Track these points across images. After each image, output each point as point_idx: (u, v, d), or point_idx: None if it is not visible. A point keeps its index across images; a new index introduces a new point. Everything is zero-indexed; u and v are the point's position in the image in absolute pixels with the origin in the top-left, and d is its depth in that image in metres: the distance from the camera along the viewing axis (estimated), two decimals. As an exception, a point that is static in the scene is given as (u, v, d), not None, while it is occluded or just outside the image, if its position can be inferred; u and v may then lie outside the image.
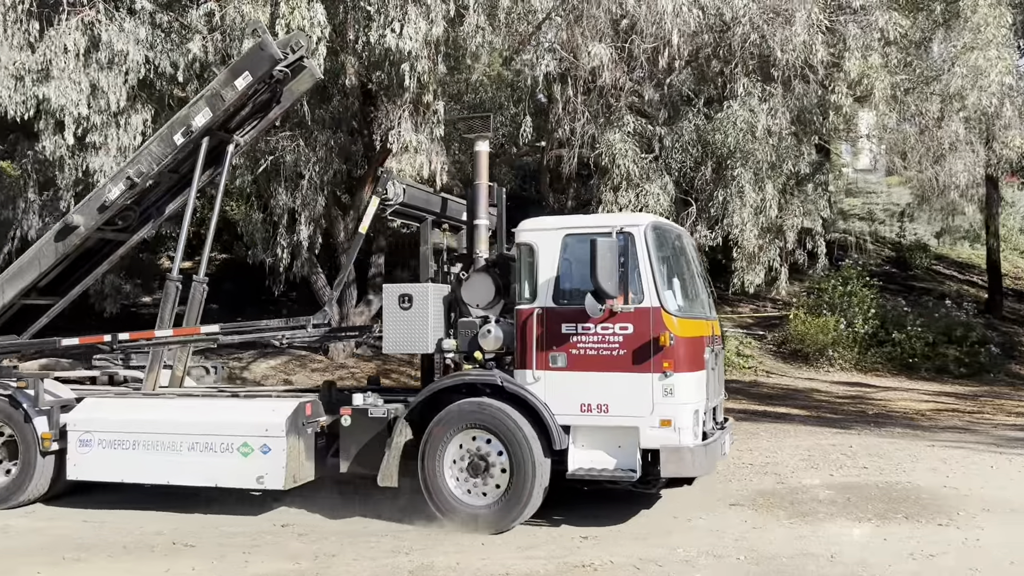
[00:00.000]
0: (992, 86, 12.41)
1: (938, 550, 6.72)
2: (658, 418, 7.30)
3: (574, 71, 12.83)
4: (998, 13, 12.21)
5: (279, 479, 7.87)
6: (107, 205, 8.94)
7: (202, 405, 8.77)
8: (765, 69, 12.59)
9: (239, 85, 8.73)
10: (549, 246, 7.72)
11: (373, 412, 7.98)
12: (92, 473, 8.44)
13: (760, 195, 13.27)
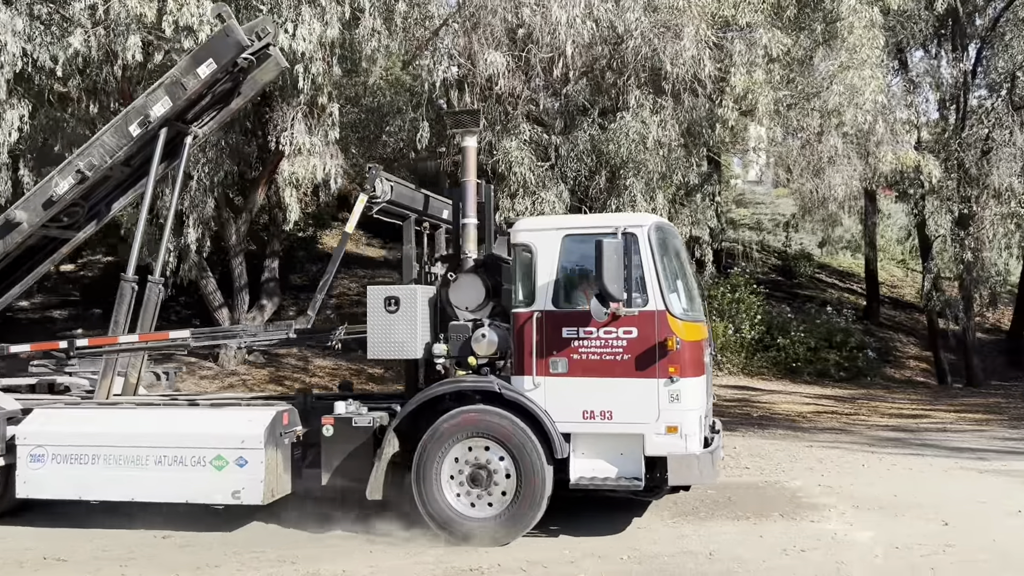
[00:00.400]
0: (867, 104, 13.07)
1: (809, 545, 7.04)
2: (664, 425, 7.06)
3: (471, 78, 12.90)
4: (872, 35, 12.88)
5: (257, 494, 7.37)
6: (54, 200, 8.33)
7: (169, 415, 8.12)
8: (657, 82, 12.92)
9: (202, 73, 8.22)
10: (548, 247, 7.39)
11: (358, 421, 7.51)
12: (45, 490, 7.76)
13: (651, 204, 13.61)
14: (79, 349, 8.55)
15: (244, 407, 8.16)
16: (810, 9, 13.41)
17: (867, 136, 14.12)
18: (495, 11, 11.96)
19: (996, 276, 22.08)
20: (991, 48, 21.02)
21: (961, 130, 20.14)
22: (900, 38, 19.77)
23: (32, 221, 8.38)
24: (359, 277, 22.04)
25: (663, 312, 7.09)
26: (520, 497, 7.07)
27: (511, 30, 12.44)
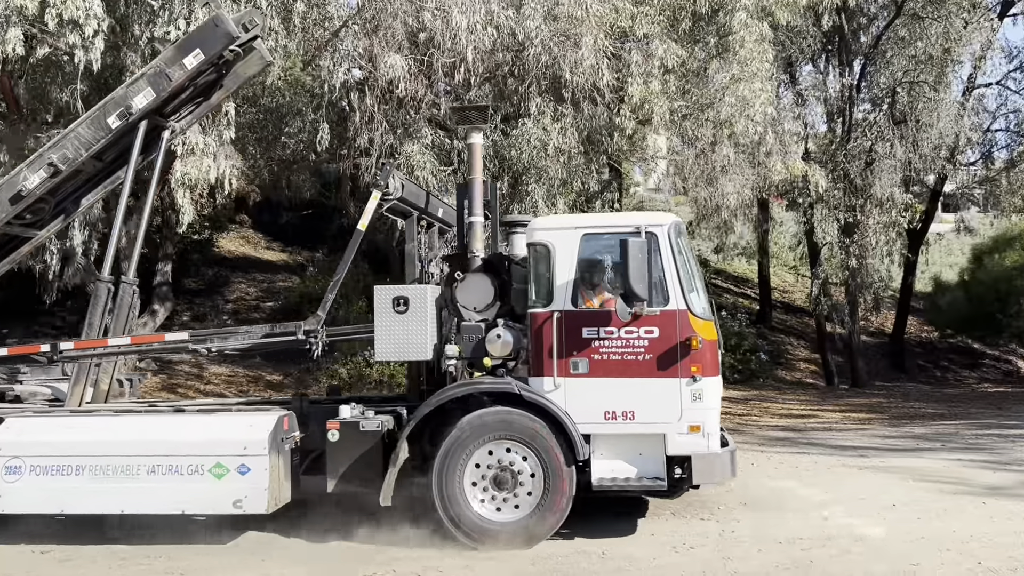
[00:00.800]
0: (757, 115, 13.57)
1: (698, 543, 7.27)
2: (687, 424, 7.07)
3: (373, 80, 12.81)
4: (762, 49, 13.37)
5: (261, 502, 7.04)
6: (23, 195, 7.83)
7: (162, 422, 7.71)
8: (558, 90, 13.09)
9: (188, 64, 7.85)
10: (566, 246, 7.31)
11: (365, 425, 7.30)
12: (23, 504, 7.24)
13: (553, 211, 13.77)
14: (64, 352, 7.95)
15: (245, 412, 7.83)
16: (704, 23, 13.83)
17: (758, 146, 14.64)
18: (396, 14, 11.93)
19: (879, 282, 23.15)
20: (874, 64, 22.11)
21: (846, 142, 21.08)
22: (789, 53, 20.60)
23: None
24: (257, 281, 21.57)
25: (684, 312, 7.14)
26: (547, 498, 7.03)
27: (412, 34, 12.41)
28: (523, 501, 7.11)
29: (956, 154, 22.78)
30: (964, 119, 21.74)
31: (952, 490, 9.26)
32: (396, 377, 16.77)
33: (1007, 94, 24.90)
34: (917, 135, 20.47)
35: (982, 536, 7.31)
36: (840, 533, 7.48)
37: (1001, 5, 23.31)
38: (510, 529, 7.06)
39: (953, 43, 20.15)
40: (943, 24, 19.92)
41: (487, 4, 11.64)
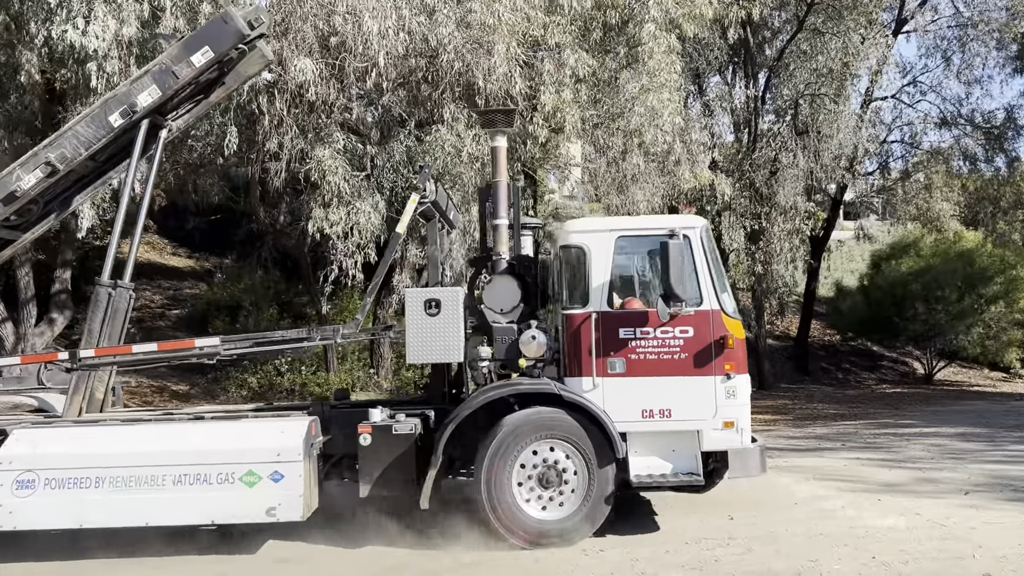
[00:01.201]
0: (666, 125, 13.86)
1: (608, 545, 7.38)
2: (721, 420, 7.35)
3: (283, 84, 12.59)
4: (671, 60, 13.68)
5: (296, 510, 6.93)
6: (17, 195, 7.51)
7: (186, 431, 7.46)
8: (471, 96, 13.11)
9: (196, 61, 7.67)
10: (602, 248, 7.48)
11: (398, 429, 7.34)
12: (37, 520, 6.92)
13: (467, 217, 13.80)
14: (83, 360, 7.60)
15: (275, 418, 7.66)
16: (614, 33, 14.08)
17: (667, 155, 14.97)
18: (306, 18, 11.78)
19: (784, 287, 23.89)
20: (778, 77, 22.88)
21: (752, 152, 21.72)
22: (697, 64, 21.15)
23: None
24: (163, 289, 20.93)
25: (718, 311, 7.43)
26: (591, 496, 7.22)
27: (323, 38, 12.26)
28: (567, 499, 7.29)
29: (855, 164, 23.72)
30: (862, 131, 22.67)
31: (850, 487, 9.64)
32: (308, 386, 16.52)
33: (901, 107, 26.14)
34: (819, 145, 21.26)
35: (876, 531, 7.64)
36: (743, 532, 7.70)
37: (896, 23, 24.41)
38: (556, 527, 7.24)
39: (852, 58, 21.03)
40: (842, 39, 20.77)
41: (399, 10, 11.59)
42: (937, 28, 25.31)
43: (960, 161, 25.98)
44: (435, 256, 8.29)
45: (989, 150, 25.45)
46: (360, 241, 13.22)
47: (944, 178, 25.50)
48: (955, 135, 25.74)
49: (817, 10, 21.26)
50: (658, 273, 7.42)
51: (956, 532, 7.56)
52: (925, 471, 10.61)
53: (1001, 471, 10.47)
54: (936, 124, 25.87)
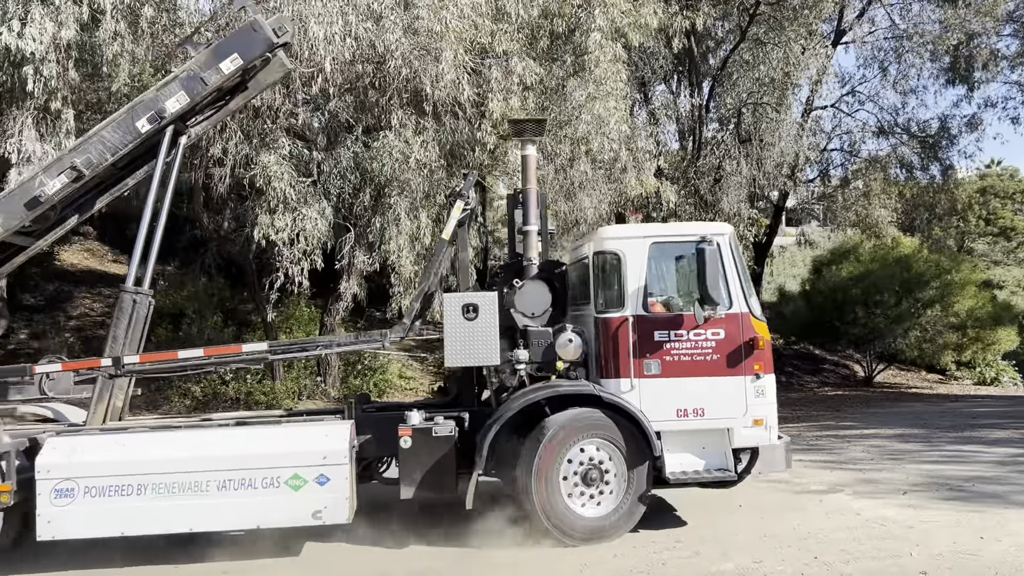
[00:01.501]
0: (613, 133, 14.00)
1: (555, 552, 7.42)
2: (751, 418, 7.73)
3: (227, 89, 12.42)
4: (617, 69, 13.82)
5: (342, 512, 7.06)
6: (41, 200, 7.46)
7: (230, 436, 7.45)
8: (419, 103, 13.10)
9: (225, 68, 7.79)
10: (636, 254, 7.83)
11: (438, 431, 7.54)
12: (77, 529, 6.83)
13: (416, 223, 13.76)
14: (127, 366, 7.61)
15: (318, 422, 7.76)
16: (561, 42, 14.18)
17: (614, 163, 15.11)
18: (251, 23, 11.62)
19: (728, 293, 24.18)
20: (721, 86, 23.24)
21: (696, 159, 22.03)
22: (643, 73, 21.37)
23: (8, 225, 7.47)
24: (103, 296, 20.45)
25: (747, 314, 7.85)
26: (630, 493, 7.57)
27: (269, 43, 12.11)
28: (607, 497, 7.60)
29: (796, 172, 24.22)
30: (803, 139, 23.16)
31: (793, 489, 9.83)
32: (254, 395, 16.27)
33: (841, 116, 26.74)
34: (761, 153, 21.66)
35: (819, 532, 7.81)
36: (690, 535, 7.81)
37: (835, 34, 25.01)
38: (599, 524, 7.53)
39: (792, 67, 21.46)
40: (783, 49, 21.20)
41: (345, 16, 11.52)
42: (874, 40, 26.01)
43: (897, 169, 26.67)
44: (465, 261, 8.45)
45: (924, 158, 26.18)
46: (307, 248, 13.09)
47: (882, 185, 26.16)
48: (892, 144, 26.43)
49: (759, 21, 21.66)
50: (688, 277, 7.86)
51: (895, 531, 7.76)
52: (865, 472, 10.87)
53: (937, 471, 10.78)
54: (874, 133, 26.54)
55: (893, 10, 25.48)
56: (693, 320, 7.73)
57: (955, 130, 26.15)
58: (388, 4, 11.85)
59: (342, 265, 14.81)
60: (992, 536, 7.50)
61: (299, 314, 19.46)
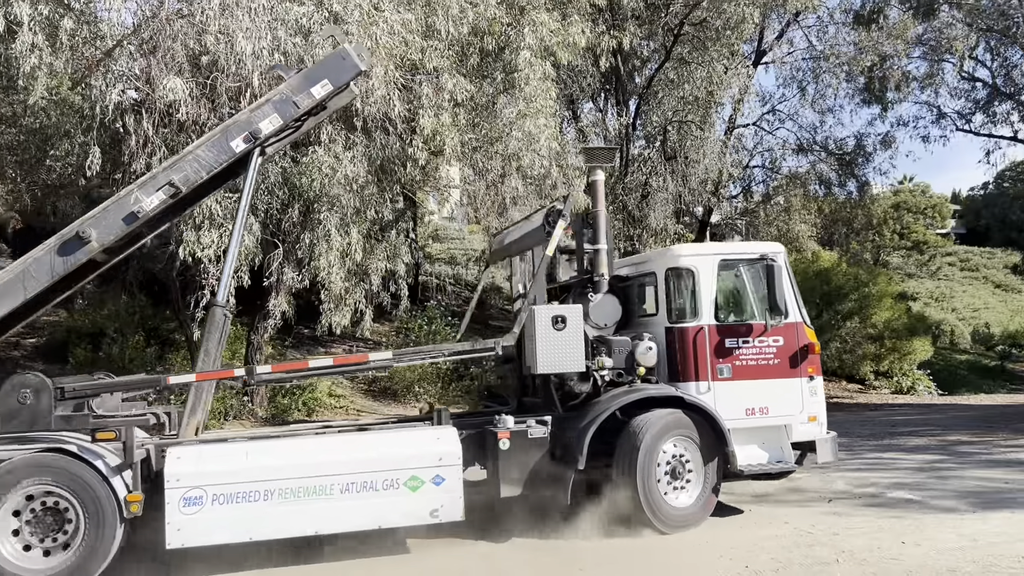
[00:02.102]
0: (543, 150, 14.12)
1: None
2: (807, 415, 8.77)
3: (151, 103, 12.14)
4: (546, 87, 13.97)
5: (457, 510, 7.53)
6: (139, 215, 7.70)
7: (348, 441, 7.96)
8: (349, 118, 13.01)
9: (316, 93, 8.21)
10: (708, 270, 8.78)
11: (532, 433, 8.22)
12: (206, 536, 7.02)
13: (346, 239, 13.65)
14: (260, 376, 7.99)
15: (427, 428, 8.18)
16: (491, 59, 14.27)
17: (544, 179, 15.22)
18: (176, 36, 11.40)
19: (656, 306, 24.58)
20: (647, 104, 23.71)
21: (624, 176, 22.39)
22: (571, 91, 21.70)
23: (103, 240, 7.66)
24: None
25: (801, 323, 8.93)
26: (707, 485, 8.43)
27: (194, 57, 11.88)
28: (690, 489, 8.40)
29: (720, 188, 24.85)
30: (726, 156, 23.80)
31: (722, 499, 9.99)
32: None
33: (762, 134, 27.58)
34: (686, 170, 22.16)
35: (749, 541, 7.98)
36: (626, 544, 7.89)
37: (755, 54, 25.79)
38: (685, 513, 8.32)
39: (716, 87, 22.05)
40: (707, 69, 21.76)
41: (273, 31, 11.38)
42: (793, 60, 26.91)
43: (816, 185, 27.58)
44: (542, 278, 8.97)
45: (842, 175, 27.15)
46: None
47: (802, 201, 27.02)
48: (811, 161, 27.33)
49: (683, 41, 22.19)
50: (748, 290, 8.87)
51: (821, 539, 7.99)
52: (792, 480, 11.11)
53: (860, 478, 11.14)
54: (794, 150, 27.42)
55: (810, 32, 26.44)
56: (758, 328, 8.77)
57: (870, 148, 27.22)
58: (317, 20, 11.75)
59: (270, 282, 14.57)
60: (912, 541, 7.79)
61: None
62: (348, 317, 14.62)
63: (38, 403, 7.22)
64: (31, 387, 7.25)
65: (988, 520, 8.47)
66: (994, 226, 36.57)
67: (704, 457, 8.43)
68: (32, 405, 7.21)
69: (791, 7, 22.47)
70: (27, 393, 7.21)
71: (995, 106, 31.20)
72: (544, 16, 14.08)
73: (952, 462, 12.29)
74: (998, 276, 51.73)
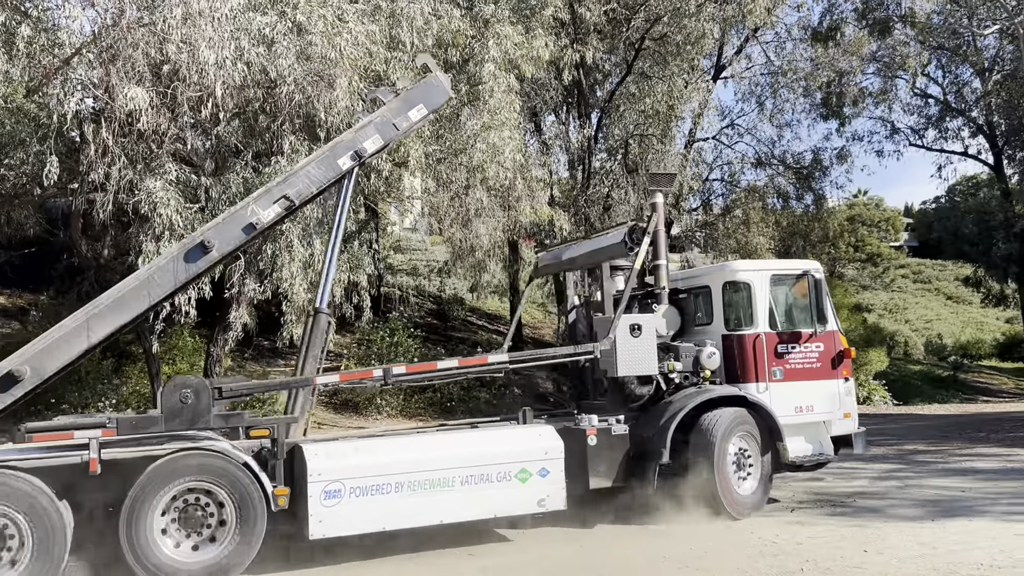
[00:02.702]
0: (507, 162, 14.18)
1: None
2: (842, 412, 10.01)
3: (110, 112, 11.94)
4: (510, 99, 14.05)
5: (560, 500, 8.42)
6: (256, 227, 8.24)
7: (464, 438, 8.90)
8: (312, 129, 12.91)
9: (413, 116, 9.06)
10: (762, 284, 9.87)
11: (616, 431, 9.09)
12: (344, 527, 7.59)
13: (309, 250, 13.53)
14: (397, 376, 8.55)
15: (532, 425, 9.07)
16: (456, 71, 14.28)
17: (508, 191, 15.28)
18: (137, 45, 11.23)
19: (618, 317, 24.71)
20: (609, 117, 23.93)
21: (587, 188, 22.55)
22: (535, 104, 21.82)
23: (223, 249, 8.14)
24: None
25: (837, 332, 10.13)
26: (765, 474, 9.50)
27: (155, 65, 11.71)
28: (751, 478, 9.43)
29: (680, 201, 25.12)
30: (687, 169, 24.09)
31: (687, 510, 10.07)
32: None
33: (721, 148, 28.03)
34: (647, 183, 22.35)
35: (714, 551, 8.05)
36: (586, 559, 7.89)
37: (715, 69, 26.18)
38: (750, 499, 9.35)
39: (676, 101, 22.35)
40: (667, 83, 22.04)
41: (237, 40, 11.28)
42: (752, 75, 27.41)
43: (774, 198, 28.06)
44: (609, 290, 10.03)
45: (799, 188, 27.65)
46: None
47: (760, 214, 27.41)
48: (769, 174, 27.82)
49: (644, 56, 22.45)
50: (793, 302, 9.97)
51: (786, 548, 8.07)
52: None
53: (821, 488, 11.29)
54: (752, 164, 27.89)
55: (769, 47, 26.95)
56: (806, 335, 9.91)
57: (827, 162, 27.81)
58: (281, 30, 11.68)
59: (231, 293, 14.37)
60: (874, 549, 7.90)
61: (183, 344, 18.77)
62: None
63: (198, 402, 7.60)
64: (192, 387, 7.66)
65: (947, 528, 8.62)
66: (946, 239, 37.36)
67: (761, 450, 9.44)
68: (193, 404, 7.58)
69: (750, 23, 22.88)
70: (188, 393, 7.61)
71: (946, 122, 32.10)
72: (508, 29, 14.16)
73: (910, 471, 12.51)
74: (950, 288, 53.01)
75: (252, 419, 7.95)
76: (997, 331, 46.82)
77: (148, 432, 7.40)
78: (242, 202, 8.51)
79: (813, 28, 26.73)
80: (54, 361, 7.37)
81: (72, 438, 7.08)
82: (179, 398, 7.52)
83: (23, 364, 7.15)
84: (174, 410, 7.49)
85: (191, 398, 7.55)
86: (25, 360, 7.19)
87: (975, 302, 46.62)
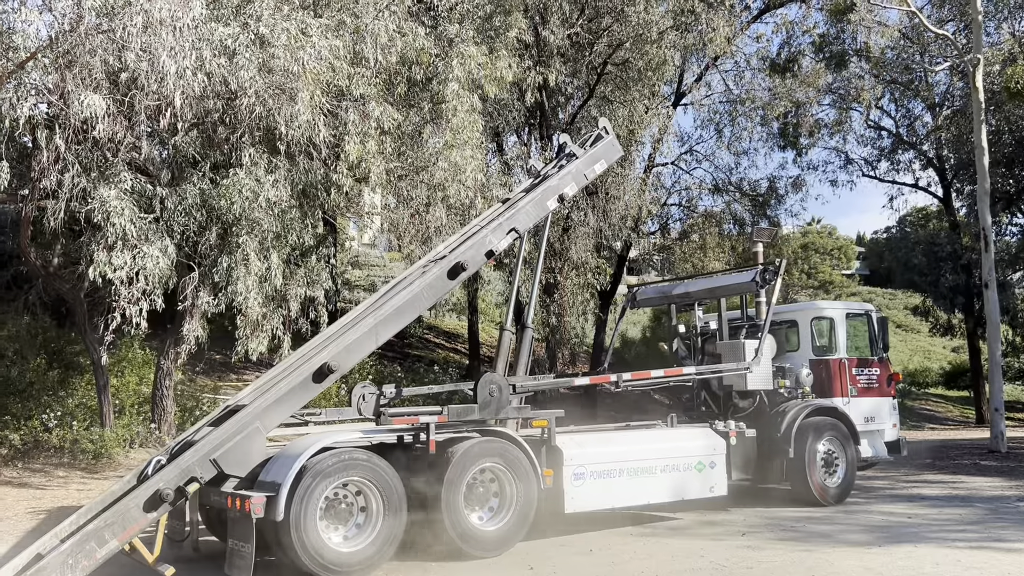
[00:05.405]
0: (468, 180, 14.19)
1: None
2: (891, 423, 13.08)
3: (64, 118, 11.72)
4: (473, 119, 14.08)
5: (724, 487, 10.74)
6: (495, 252, 9.97)
7: (656, 435, 10.87)
8: (272, 142, 12.82)
9: (598, 169, 11.27)
10: (841, 319, 12.84)
11: (748, 433, 11.29)
12: (586, 504, 9.32)
13: (265, 264, 13.38)
14: (626, 382, 10.54)
15: (692, 426, 11.34)
16: (419, 89, 14.31)
17: (469, 210, 15.27)
18: (95, 52, 11.06)
19: (575, 337, 24.88)
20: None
21: (547, 209, 22.56)
22: (498, 123, 21.89)
23: (472, 269, 9.70)
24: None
25: (887, 359, 13.24)
26: (848, 472, 12.00)
27: (113, 73, 11.55)
28: (838, 475, 11.94)
29: (639, 224, 25.32)
30: (645, 194, 24.30)
31: (639, 532, 10.12)
32: (80, 443, 15.16)
33: (680, 173, 28.31)
34: (607, 206, 22.52)
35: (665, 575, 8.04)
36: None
37: (675, 95, 26.51)
38: (837, 491, 11.83)
39: (636, 125, 22.56)
40: (628, 108, 22.25)
41: (198, 50, 11.17)
42: (711, 103, 27.78)
43: (730, 224, 28.40)
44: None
45: (755, 215, 28.01)
46: (146, 287, 12.42)
47: (716, 239, 27.75)
48: (726, 200, 28.14)
49: (607, 80, 22.67)
50: (860, 335, 12.91)
51: (736, 572, 8.10)
52: (706, 514, 11.32)
53: (772, 512, 11.39)
54: (710, 190, 28.21)
55: (728, 76, 27.38)
56: (872, 362, 12.96)
57: (782, 190, 28.22)
58: (243, 42, 11.59)
59: (185, 306, 14.15)
60: (823, 573, 7.97)
61: (132, 356, 18.41)
62: (265, 343, 14.29)
63: (501, 396, 9.16)
64: (497, 384, 9.20)
65: (893, 554, 8.74)
66: (896, 268, 38.21)
67: (851, 449, 11.95)
68: (498, 397, 9.14)
69: (710, 52, 23.24)
70: (495, 388, 9.15)
71: (898, 154, 32.86)
72: (472, 49, 14.22)
73: (859, 497, 12.69)
74: (899, 317, 54.06)
75: (533, 412, 9.47)
76: (944, 360, 47.88)
77: (467, 419, 8.89)
78: (480, 232, 9.94)
79: (772, 59, 27.23)
80: (353, 358, 8.74)
81: (418, 422, 8.48)
82: (488, 392, 9.06)
83: (335, 360, 8.33)
84: (485, 401, 9.03)
85: (496, 392, 9.09)
86: (334, 356, 8.35)
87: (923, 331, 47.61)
